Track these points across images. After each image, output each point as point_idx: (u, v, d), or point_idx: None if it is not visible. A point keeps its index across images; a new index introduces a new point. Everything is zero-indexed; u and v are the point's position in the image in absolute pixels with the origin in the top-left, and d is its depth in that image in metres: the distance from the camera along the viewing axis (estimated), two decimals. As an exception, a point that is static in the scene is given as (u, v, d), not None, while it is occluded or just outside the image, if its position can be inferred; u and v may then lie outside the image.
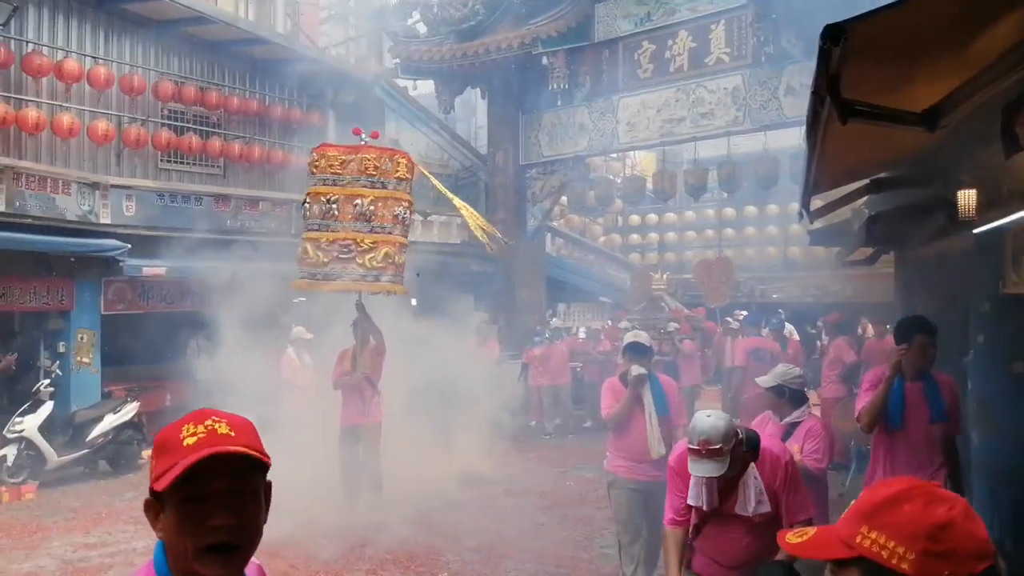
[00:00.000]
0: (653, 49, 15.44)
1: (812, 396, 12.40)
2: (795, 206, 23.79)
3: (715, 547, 3.88)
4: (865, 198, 7.46)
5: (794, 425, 4.98)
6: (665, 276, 16.77)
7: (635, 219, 25.90)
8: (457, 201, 9.65)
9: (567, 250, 21.61)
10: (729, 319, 14.18)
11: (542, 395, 14.30)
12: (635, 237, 26.12)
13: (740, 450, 3.65)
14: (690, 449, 3.61)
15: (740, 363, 11.54)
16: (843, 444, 9.15)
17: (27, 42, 12.33)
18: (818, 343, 15.07)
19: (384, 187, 8.42)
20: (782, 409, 5.04)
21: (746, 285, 23.62)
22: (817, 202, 8.13)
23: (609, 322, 17.14)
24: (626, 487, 5.96)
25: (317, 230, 8.44)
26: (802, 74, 13.41)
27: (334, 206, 8.29)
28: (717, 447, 3.53)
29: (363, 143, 8.67)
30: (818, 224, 9.14)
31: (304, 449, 8.44)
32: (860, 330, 14.93)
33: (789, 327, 13.55)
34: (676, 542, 3.93)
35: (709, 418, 3.60)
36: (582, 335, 15.93)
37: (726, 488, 3.70)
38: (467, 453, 10.51)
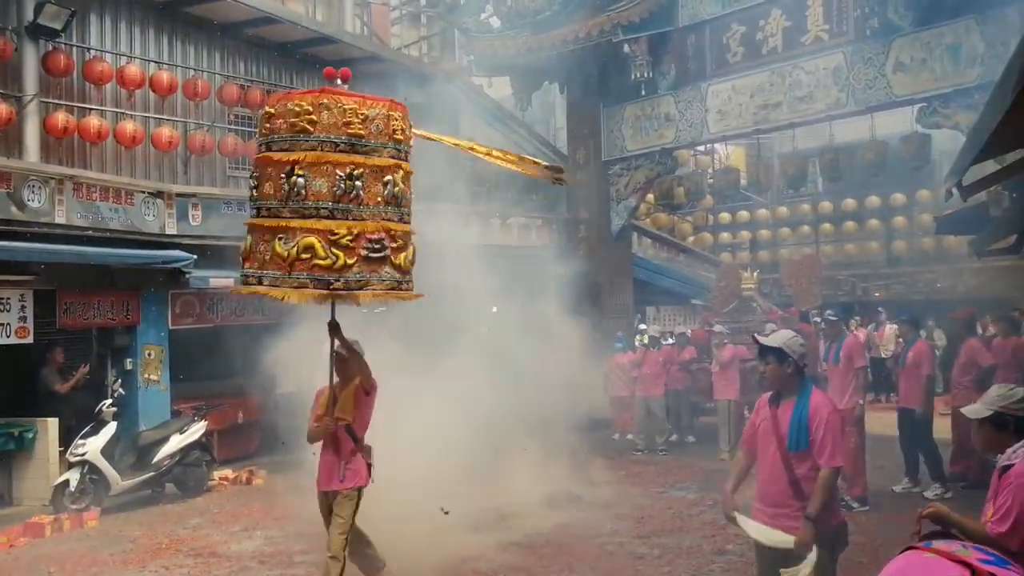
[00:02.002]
0: (743, 31, 14.33)
1: (938, 405, 11.23)
2: (899, 197, 22.49)
3: None
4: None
5: (1008, 469, 3.49)
6: (755, 274, 15.44)
7: (726, 216, 24.77)
8: (481, 149, 6.34)
9: (655, 250, 20.51)
10: (818, 319, 12.92)
11: (632, 407, 13.06)
12: (726, 235, 24.97)
13: None
14: None
15: (861, 365, 10.17)
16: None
17: (88, 49, 11.98)
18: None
19: (373, 152, 5.48)
20: (1002, 445, 3.64)
21: (846, 283, 22.29)
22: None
23: (694, 327, 15.96)
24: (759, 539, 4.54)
25: (275, 216, 5.41)
26: (914, 47, 12.13)
27: (299, 179, 5.28)
28: None
29: (337, 85, 5.85)
30: (950, 210, 7.98)
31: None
32: (980, 330, 13.56)
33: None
34: None
35: None
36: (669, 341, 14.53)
37: None
38: (554, 472, 9.58)
